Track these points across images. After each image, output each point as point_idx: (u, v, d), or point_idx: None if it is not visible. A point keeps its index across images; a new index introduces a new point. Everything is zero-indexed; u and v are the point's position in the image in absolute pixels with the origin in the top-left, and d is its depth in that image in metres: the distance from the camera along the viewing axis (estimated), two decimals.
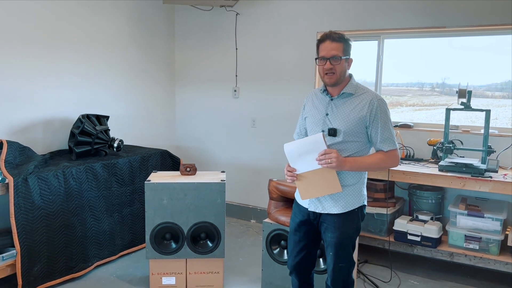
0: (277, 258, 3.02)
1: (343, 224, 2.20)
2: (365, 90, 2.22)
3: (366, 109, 2.15)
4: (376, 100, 2.16)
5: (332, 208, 2.21)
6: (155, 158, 3.97)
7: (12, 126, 3.49)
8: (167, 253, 3.18)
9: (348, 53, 2.19)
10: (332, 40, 2.13)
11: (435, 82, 4.07)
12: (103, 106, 4.21)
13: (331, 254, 2.24)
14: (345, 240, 2.21)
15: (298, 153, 2.13)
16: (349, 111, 2.17)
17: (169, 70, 5.04)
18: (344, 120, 2.17)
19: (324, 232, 2.26)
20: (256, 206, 4.74)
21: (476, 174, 3.17)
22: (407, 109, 4.28)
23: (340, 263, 2.23)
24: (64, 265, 3.21)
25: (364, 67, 4.17)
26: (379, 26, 3.89)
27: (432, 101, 4.18)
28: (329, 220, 2.22)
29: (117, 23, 4.32)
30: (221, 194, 3.16)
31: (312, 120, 2.29)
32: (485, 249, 3.26)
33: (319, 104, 2.28)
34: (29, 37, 3.54)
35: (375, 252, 3.76)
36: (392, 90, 4.27)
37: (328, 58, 2.13)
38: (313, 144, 2.09)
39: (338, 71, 2.14)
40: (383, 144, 2.16)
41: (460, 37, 3.78)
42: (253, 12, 4.53)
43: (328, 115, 2.21)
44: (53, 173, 3.16)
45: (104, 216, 3.52)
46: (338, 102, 2.21)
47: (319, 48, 2.18)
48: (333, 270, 2.26)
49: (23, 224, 2.95)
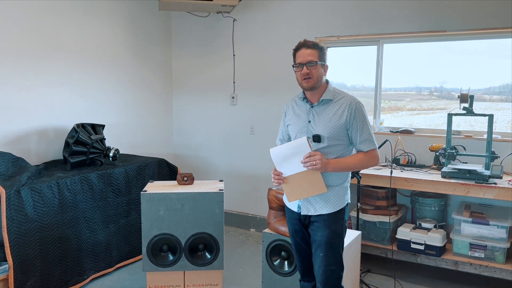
0: (278, 270, 2.93)
1: (333, 223, 2.27)
2: (343, 94, 2.31)
3: (346, 113, 2.24)
4: (354, 103, 2.25)
5: (323, 209, 2.27)
6: (152, 167, 3.89)
7: (5, 137, 3.42)
8: (165, 265, 3.09)
9: (323, 59, 2.28)
10: (307, 47, 2.24)
11: (433, 86, 4.05)
12: (99, 115, 4.14)
13: (321, 255, 2.26)
14: (335, 239, 2.27)
15: (284, 156, 2.20)
16: (330, 117, 2.25)
17: (166, 77, 4.97)
18: (326, 126, 2.25)
19: (315, 232, 2.29)
20: (255, 215, 4.66)
21: (480, 180, 3.10)
22: (406, 113, 4.25)
23: (331, 265, 2.26)
24: (58, 279, 3.12)
25: (364, 72, 4.13)
26: (378, 31, 3.84)
27: (431, 105, 4.15)
28: (319, 220, 2.28)
29: (112, 30, 4.26)
30: (219, 204, 3.08)
31: (295, 127, 2.35)
32: (491, 258, 3.19)
33: (300, 112, 2.36)
34: (22, 46, 3.48)
35: (378, 261, 3.67)
36: (391, 95, 4.24)
37: (304, 63, 2.22)
38: (298, 148, 2.16)
39: (315, 75, 2.23)
40: (362, 144, 2.26)
41: (457, 41, 3.74)
42: (250, 18, 4.47)
43: (310, 122, 2.29)
44: (47, 184, 3.08)
45: (100, 228, 3.44)
46: (318, 109, 2.30)
47: (296, 56, 2.29)
48: (323, 274, 2.26)
49: (16, 237, 2.86)
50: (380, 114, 4.08)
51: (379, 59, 3.97)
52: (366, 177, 3.46)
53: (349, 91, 4.27)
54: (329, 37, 4.08)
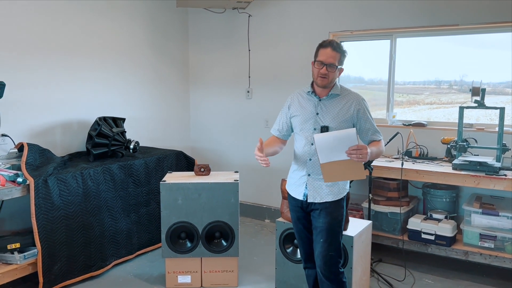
0: (291, 257, 3.05)
1: (334, 210, 2.42)
2: (348, 91, 2.48)
3: (353, 108, 2.41)
4: (361, 100, 2.45)
5: (328, 196, 2.42)
6: (170, 159, 4.04)
7: (32, 129, 3.60)
8: (183, 252, 3.24)
9: (342, 63, 2.41)
10: (333, 48, 2.34)
11: (453, 80, 4.03)
12: (120, 109, 4.30)
13: (321, 241, 2.40)
14: (335, 226, 2.42)
15: (328, 144, 2.25)
16: (338, 110, 2.41)
17: (184, 72, 5.12)
18: (334, 118, 2.40)
19: (316, 219, 2.44)
20: (270, 206, 4.78)
21: (490, 172, 3.16)
22: (424, 107, 4.24)
23: (330, 251, 2.39)
24: (83, 264, 3.30)
25: (383, 66, 4.14)
26: (391, 25, 3.89)
27: (450, 99, 4.13)
28: (322, 207, 2.42)
29: (133, 29, 4.41)
30: (235, 194, 3.21)
31: (301, 118, 2.47)
32: (501, 248, 3.24)
33: (306, 104, 2.48)
34: (49, 45, 3.65)
35: (389, 251, 3.76)
36: (409, 89, 4.25)
37: (326, 64, 2.33)
38: (345, 138, 2.22)
39: (331, 77, 2.36)
40: (375, 135, 2.46)
41: (478, 34, 3.72)
42: (265, 14, 4.57)
43: (318, 114, 2.43)
44: (72, 174, 3.25)
45: (121, 216, 3.60)
46: (326, 103, 2.44)
47: (319, 52, 2.38)
48: (323, 259, 2.40)
49: (44, 224, 3.04)
50: (393, 107, 4.14)
51: (392, 53, 4.03)
52: (378, 169, 3.53)
53: (367, 85, 4.36)
54: (342, 31, 4.15)
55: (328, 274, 2.40)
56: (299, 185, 2.48)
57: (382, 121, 4.13)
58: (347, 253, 2.80)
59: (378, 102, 4.26)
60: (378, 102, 4.25)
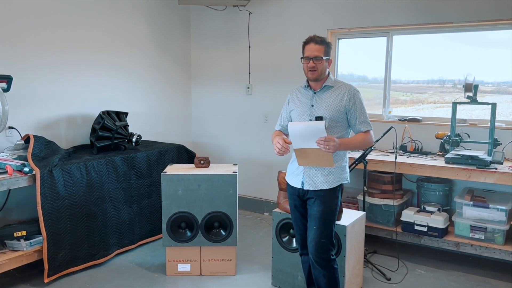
0: (286, 246, 3.15)
1: (329, 199, 2.54)
2: (342, 83, 2.61)
3: (346, 98, 2.53)
4: (353, 90, 2.56)
5: (323, 184, 2.54)
6: (171, 153, 4.15)
7: (38, 122, 3.72)
8: (183, 241, 3.35)
9: (328, 54, 2.54)
10: (316, 43, 2.49)
11: (457, 79, 4.05)
12: (123, 103, 4.42)
13: (314, 228, 2.52)
14: (329, 215, 2.54)
15: (300, 132, 2.41)
16: (331, 101, 2.54)
17: (185, 68, 5.23)
18: (328, 109, 2.53)
19: (311, 207, 2.57)
20: (269, 199, 4.89)
21: (481, 165, 3.25)
22: (427, 106, 4.27)
23: (322, 238, 2.51)
24: (86, 252, 3.41)
25: (380, 65, 4.19)
26: (387, 22, 3.98)
27: (454, 98, 4.16)
28: (317, 195, 2.54)
29: (136, 25, 4.52)
30: (233, 185, 3.32)
31: (298, 111, 2.63)
32: (491, 239, 3.34)
33: (303, 98, 2.64)
34: (54, 41, 3.77)
35: (383, 243, 3.86)
36: (413, 88, 4.29)
37: (311, 57, 2.49)
38: (315, 130, 2.36)
39: (320, 69, 2.51)
40: (361, 125, 2.55)
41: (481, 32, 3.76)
42: (265, 11, 4.67)
43: (313, 106, 2.57)
44: (76, 165, 3.36)
45: (124, 207, 3.71)
46: (321, 95, 2.58)
47: (304, 49, 2.55)
48: (315, 245, 2.51)
49: (49, 212, 3.16)
50: (389, 104, 4.23)
51: (389, 51, 4.12)
52: (373, 162, 3.63)
53: (370, 84, 4.41)
54: (340, 29, 4.25)
55: (320, 260, 2.52)
56: (297, 174, 2.62)
57: (378, 116, 4.23)
58: (340, 242, 2.90)
59: (382, 101, 4.27)
60: (382, 100, 4.25)
